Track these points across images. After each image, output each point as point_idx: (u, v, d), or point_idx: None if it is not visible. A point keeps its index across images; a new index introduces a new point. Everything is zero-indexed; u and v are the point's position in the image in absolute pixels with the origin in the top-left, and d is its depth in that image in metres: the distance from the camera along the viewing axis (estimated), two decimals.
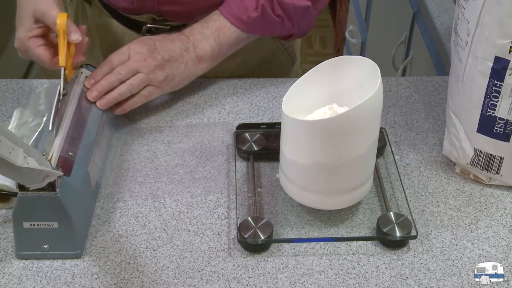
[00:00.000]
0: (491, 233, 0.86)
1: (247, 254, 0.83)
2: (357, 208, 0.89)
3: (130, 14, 1.14)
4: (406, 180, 0.93)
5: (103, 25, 1.19)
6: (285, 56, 1.23)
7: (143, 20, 1.13)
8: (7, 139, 0.65)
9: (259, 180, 0.93)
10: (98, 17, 1.19)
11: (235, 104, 1.07)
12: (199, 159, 0.96)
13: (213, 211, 0.88)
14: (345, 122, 0.77)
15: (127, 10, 1.13)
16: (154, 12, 1.11)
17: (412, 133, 1.01)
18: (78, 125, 0.88)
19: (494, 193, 0.92)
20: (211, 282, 0.80)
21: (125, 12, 1.14)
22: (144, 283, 0.79)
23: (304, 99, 0.84)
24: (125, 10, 1.13)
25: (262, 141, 0.96)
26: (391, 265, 0.82)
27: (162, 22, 1.13)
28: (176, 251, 0.83)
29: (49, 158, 0.80)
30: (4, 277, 0.80)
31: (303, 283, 0.80)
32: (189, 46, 1.02)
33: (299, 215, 0.88)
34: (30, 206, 0.78)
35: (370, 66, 0.81)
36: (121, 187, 0.92)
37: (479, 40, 0.83)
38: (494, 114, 0.86)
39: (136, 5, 1.09)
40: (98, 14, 1.19)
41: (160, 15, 1.12)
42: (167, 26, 1.12)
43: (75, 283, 0.79)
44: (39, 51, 0.96)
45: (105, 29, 1.19)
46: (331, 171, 0.81)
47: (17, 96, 1.08)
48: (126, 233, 0.85)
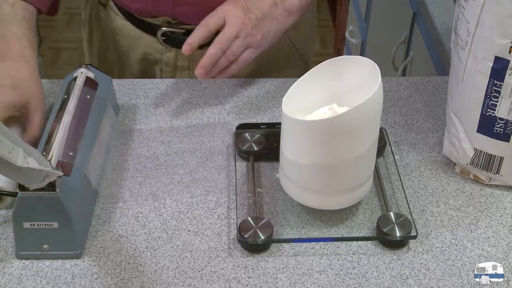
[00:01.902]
0: (491, 233, 0.86)
1: (247, 254, 0.83)
2: (357, 208, 0.89)
3: (145, 17, 1.14)
4: (406, 180, 0.93)
5: (118, 28, 1.19)
6: (300, 61, 1.23)
7: (158, 24, 1.13)
8: (7, 139, 0.65)
9: (259, 180, 0.93)
10: (113, 20, 1.19)
11: (235, 104, 1.07)
12: (199, 159, 0.96)
13: (213, 211, 0.88)
14: (345, 122, 0.77)
15: (141, 13, 1.13)
16: (168, 14, 1.11)
17: (412, 133, 1.01)
18: (78, 125, 0.88)
19: (494, 193, 0.92)
20: (211, 282, 0.80)
21: (140, 15, 1.14)
22: (144, 283, 0.79)
23: (304, 99, 0.84)
24: (140, 13, 1.14)
25: (262, 141, 0.96)
26: (391, 265, 0.82)
27: (177, 25, 1.13)
28: (176, 251, 0.83)
29: (49, 158, 0.80)
30: (4, 277, 0.80)
31: (303, 283, 0.80)
32: (277, 1, 1.01)
33: (299, 215, 0.88)
34: (30, 206, 0.78)
35: (370, 66, 0.81)
36: (121, 187, 0.92)
37: (479, 40, 0.83)
38: (494, 114, 0.86)
39: (151, 6, 1.09)
40: (113, 17, 1.19)
41: (175, 18, 1.12)
42: (182, 29, 1.12)
43: (75, 283, 0.79)
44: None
45: (120, 32, 1.19)
46: (331, 171, 0.81)
47: None
48: (126, 233, 0.85)
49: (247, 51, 1.00)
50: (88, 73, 0.97)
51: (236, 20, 0.98)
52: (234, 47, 0.98)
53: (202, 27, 0.98)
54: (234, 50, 0.98)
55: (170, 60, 1.19)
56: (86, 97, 0.94)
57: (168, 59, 1.19)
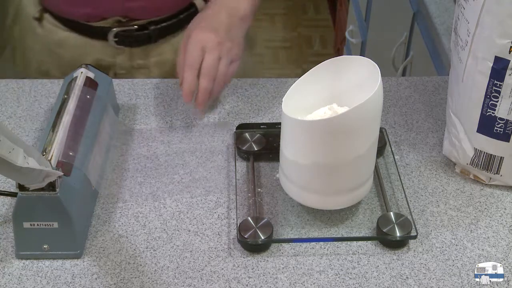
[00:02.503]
0: (491, 233, 0.86)
1: (247, 254, 0.83)
2: (357, 208, 0.89)
3: (94, 22, 1.11)
4: (406, 180, 0.93)
5: (59, 41, 1.15)
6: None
7: (108, 26, 1.11)
8: (7, 139, 0.65)
9: (259, 180, 0.93)
10: (53, 34, 1.15)
11: (235, 104, 1.07)
12: (199, 159, 0.96)
13: (213, 211, 0.88)
14: (345, 122, 0.77)
15: (89, 18, 1.10)
16: (119, 12, 1.09)
17: (412, 133, 1.01)
18: (78, 125, 0.88)
19: (494, 193, 0.92)
20: (211, 282, 0.80)
21: (88, 21, 1.11)
22: (144, 283, 0.79)
23: (304, 99, 0.84)
24: (87, 18, 1.11)
25: (262, 141, 0.96)
26: (391, 265, 0.82)
27: (128, 23, 1.11)
28: (176, 251, 0.83)
29: (49, 158, 0.80)
30: (4, 277, 0.80)
31: (303, 283, 0.80)
32: (230, 12, 1.02)
33: (299, 215, 0.88)
34: (30, 206, 0.78)
35: (370, 66, 0.81)
36: (121, 187, 0.92)
37: (479, 40, 0.83)
38: (494, 114, 0.86)
39: (102, 8, 1.07)
40: (53, 31, 1.15)
41: (126, 16, 1.10)
42: (134, 26, 1.11)
43: (75, 283, 0.79)
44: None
45: (64, 44, 1.15)
46: (331, 171, 0.81)
47: (17, 96, 1.08)
48: (126, 233, 0.85)
49: (231, 65, 1.00)
50: (88, 73, 0.97)
51: (213, 43, 0.98)
52: (221, 69, 0.98)
53: (189, 70, 0.97)
54: (223, 71, 0.98)
55: (124, 62, 1.16)
56: (86, 97, 0.94)
57: (122, 62, 1.16)
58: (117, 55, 1.16)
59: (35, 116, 1.04)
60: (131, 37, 1.13)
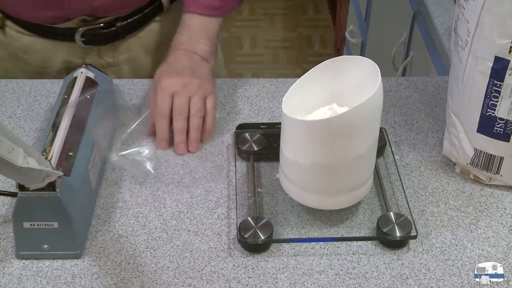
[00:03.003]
0: (491, 233, 0.86)
1: (247, 254, 0.83)
2: (357, 208, 0.89)
3: (59, 24, 1.10)
4: (406, 180, 0.93)
5: (24, 46, 1.14)
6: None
7: (73, 26, 1.10)
8: (7, 139, 0.65)
9: (259, 180, 0.93)
10: (16, 40, 1.14)
11: (235, 104, 1.07)
12: (199, 159, 0.96)
13: (213, 211, 0.88)
14: (345, 122, 0.77)
15: (55, 20, 1.09)
16: (85, 11, 1.08)
17: (412, 133, 1.01)
18: (78, 125, 0.88)
19: (494, 193, 0.92)
20: (211, 282, 0.80)
21: (53, 23, 1.10)
22: (144, 283, 0.79)
23: (304, 99, 0.84)
24: (52, 20, 1.09)
25: (262, 141, 0.96)
26: (391, 265, 0.82)
27: (95, 21, 1.10)
28: (176, 251, 0.83)
29: (49, 158, 0.80)
30: (4, 277, 0.80)
31: (303, 283, 0.80)
32: (189, 54, 1.02)
33: (299, 215, 0.88)
34: (30, 206, 0.78)
35: (370, 66, 0.81)
36: (121, 187, 0.92)
37: (479, 40, 0.83)
38: (494, 114, 0.86)
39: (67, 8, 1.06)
40: (16, 37, 1.14)
41: (91, 15, 1.09)
42: (100, 24, 1.10)
43: (75, 283, 0.79)
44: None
45: (29, 49, 1.14)
46: (331, 171, 0.81)
47: (17, 96, 1.08)
48: (126, 233, 0.85)
49: (208, 101, 0.99)
50: (88, 73, 0.97)
51: (179, 86, 0.98)
52: (196, 105, 0.98)
53: (160, 118, 0.97)
54: (198, 107, 0.98)
55: (94, 62, 1.15)
56: (86, 97, 0.94)
57: (91, 61, 1.14)
58: (86, 55, 1.15)
59: (35, 116, 1.04)
60: (98, 35, 1.12)
